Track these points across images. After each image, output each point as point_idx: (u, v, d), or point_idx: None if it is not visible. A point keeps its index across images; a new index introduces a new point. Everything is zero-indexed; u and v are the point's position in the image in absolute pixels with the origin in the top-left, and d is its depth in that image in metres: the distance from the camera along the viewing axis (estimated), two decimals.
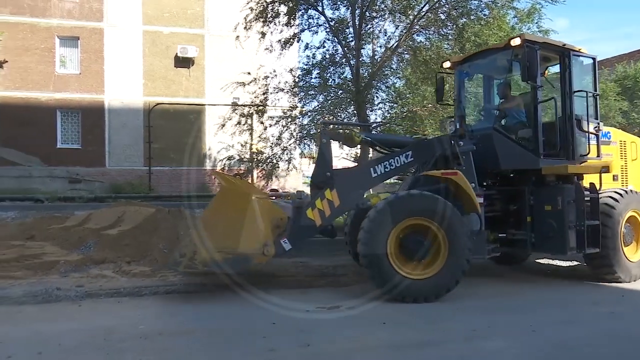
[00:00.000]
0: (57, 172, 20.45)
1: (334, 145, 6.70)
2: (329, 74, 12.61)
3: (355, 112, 12.17)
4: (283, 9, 12.09)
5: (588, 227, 6.08)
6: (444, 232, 5.34)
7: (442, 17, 11.57)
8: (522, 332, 4.45)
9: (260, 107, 12.87)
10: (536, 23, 14.67)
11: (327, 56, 12.54)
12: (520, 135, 6.54)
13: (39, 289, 5.79)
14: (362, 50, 12.39)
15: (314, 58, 12.83)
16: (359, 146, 8.92)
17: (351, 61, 12.03)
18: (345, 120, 12.59)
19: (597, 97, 6.88)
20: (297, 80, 13.08)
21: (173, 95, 21.49)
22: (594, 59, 6.89)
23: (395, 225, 5.31)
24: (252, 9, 12.10)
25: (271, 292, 5.84)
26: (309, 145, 14.33)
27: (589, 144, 6.53)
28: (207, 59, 21.86)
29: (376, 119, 13.41)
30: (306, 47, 13.01)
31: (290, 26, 12.44)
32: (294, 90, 12.94)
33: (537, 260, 8.39)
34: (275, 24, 12.32)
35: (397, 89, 14.16)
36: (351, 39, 12.25)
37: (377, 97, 13.25)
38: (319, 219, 5.61)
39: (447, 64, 7.54)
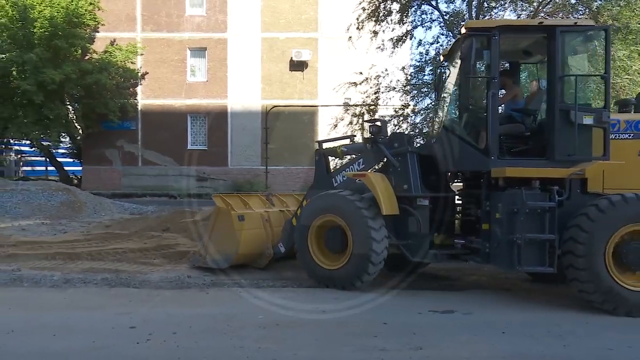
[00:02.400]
0: (187, 171, 22.64)
1: None
2: (443, 70, 12.20)
3: None
4: (395, 6, 11.97)
5: (544, 242, 5.06)
6: (347, 226, 5.72)
7: (572, 0, 10.52)
8: None
9: (372, 107, 12.90)
10: None
11: (441, 52, 12.14)
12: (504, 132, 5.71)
13: (173, 275, 6.47)
14: None
15: (427, 54, 12.52)
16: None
17: None
18: None
19: (607, 79, 5.38)
20: (409, 78, 12.86)
21: (288, 98, 22.52)
22: (605, 30, 5.49)
23: (312, 221, 5.99)
24: (364, 9, 12.17)
25: (382, 292, 5.82)
26: (421, 144, 13.98)
27: (578, 140, 5.20)
28: (320, 62, 22.51)
29: None
30: (419, 43, 12.80)
31: (403, 23, 12.28)
32: (406, 88, 12.74)
33: None
34: (387, 22, 12.26)
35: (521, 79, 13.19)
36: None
37: None
38: None
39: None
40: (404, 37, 12.32)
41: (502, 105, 6.11)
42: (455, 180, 6.44)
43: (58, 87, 19.12)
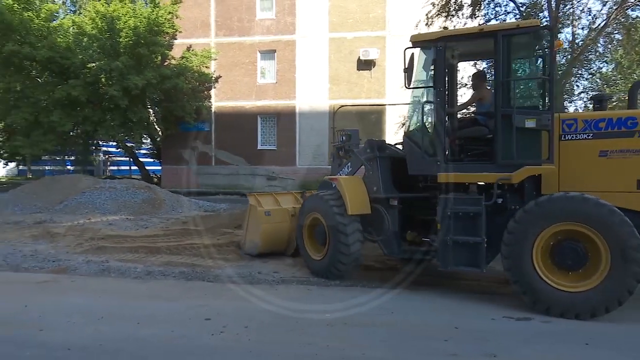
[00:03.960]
0: (258, 170, 23.35)
1: None
2: (518, 64, 11.59)
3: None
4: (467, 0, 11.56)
5: (473, 244, 5.23)
6: (325, 223, 6.31)
7: None
8: None
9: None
10: None
11: None
12: (468, 135, 5.92)
13: (245, 271, 6.71)
14: (559, 35, 11.06)
15: None
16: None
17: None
18: None
19: (548, 81, 5.33)
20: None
21: (355, 97, 22.49)
22: (548, 29, 5.31)
23: (304, 220, 6.75)
24: (434, 5, 11.90)
25: (452, 295, 5.66)
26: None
27: (523, 143, 5.14)
28: (388, 60, 22.25)
29: (577, 110, 11.80)
30: None
31: (475, 17, 11.85)
32: None
33: None
34: (458, 17, 11.87)
35: (605, 74, 12.23)
36: (546, 23, 11.04)
37: (577, 86, 11.67)
38: None
39: None
40: None
41: (471, 108, 6.27)
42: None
43: (140, 92, 20.49)
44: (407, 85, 5.78)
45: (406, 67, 5.61)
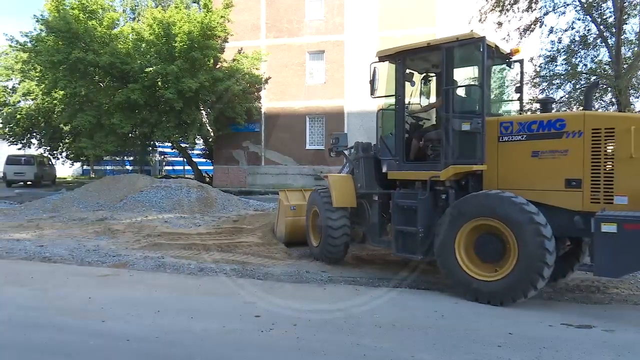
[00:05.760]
0: (306, 170, 23.55)
1: None
2: (578, 59, 11.01)
3: (613, 100, 10.31)
4: None
5: (412, 233, 5.95)
6: (319, 215, 7.25)
7: None
8: None
9: (495, 101, 12.10)
10: None
11: (577, 38, 10.96)
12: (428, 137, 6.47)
13: (293, 270, 6.78)
14: (624, 26, 10.38)
15: (559, 43, 11.39)
16: None
17: (609, 40, 10.22)
18: (600, 110, 10.79)
19: (482, 88, 5.65)
20: (538, 69, 11.84)
21: None
22: (480, 40, 5.60)
23: (309, 212, 7.75)
24: (487, 0, 11.49)
25: (509, 303, 5.45)
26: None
27: (460, 145, 5.66)
28: None
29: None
30: (550, 31, 11.65)
31: (532, 10, 11.34)
32: (535, 80, 11.74)
33: None
34: (513, 11, 11.41)
35: None
36: (609, 14, 10.41)
37: None
38: None
39: None
40: (532, 26, 11.36)
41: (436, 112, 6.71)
42: None
43: (194, 95, 21.23)
44: (371, 95, 6.57)
45: (370, 79, 6.41)
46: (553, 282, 6.01)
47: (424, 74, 7.06)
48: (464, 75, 6.55)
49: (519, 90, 6.62)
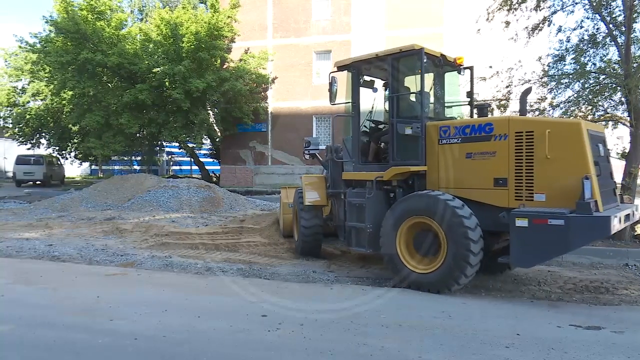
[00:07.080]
0: (312, 170, 23.53)
1: None
2: (587, 58, 10.88)
3: (623, 99, 10.20)
4: None
5: (361, 229, 6.40)
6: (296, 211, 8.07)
7: None
8: None
9: (503, 101, 12.02)
10: None
11: (586, 37, 10.83)
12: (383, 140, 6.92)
13: (300, 270, 6.79)
14: (634, 25, 10.26)
15: (568, 42, 11.25)
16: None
17: (618, 39, 10.10)
18: (607, 109, 10.68)
19: (421, 95, 6.08)
20: (546, 69, 11.73)
21: None
22: (419, 51, 6.11)
23: (294, 210, 8.38)
24: None
25: (514, 300, 5.44)
26: None
27: (403, 147, 6.20)
28: None
29: None
30: (559, 30, 11.50)
31: (540, 9, 11.23)
32: (543, 80, 11.63)
33: None
34: (521, 10, 11.32)
35: None
36: (619, 12, 10.28)
37: None
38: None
39: None
40: (540, 25, 11.25)
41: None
42: None
43: (201, 95, 21.29)
44: (330, 102, 6.89)
45: (329, 87, 6.76)
46: (499, 274, 6.57)
47: (385, 81, 7.31)
48: (417, 82, 6.74)
49: (470, 95, 7.05)
